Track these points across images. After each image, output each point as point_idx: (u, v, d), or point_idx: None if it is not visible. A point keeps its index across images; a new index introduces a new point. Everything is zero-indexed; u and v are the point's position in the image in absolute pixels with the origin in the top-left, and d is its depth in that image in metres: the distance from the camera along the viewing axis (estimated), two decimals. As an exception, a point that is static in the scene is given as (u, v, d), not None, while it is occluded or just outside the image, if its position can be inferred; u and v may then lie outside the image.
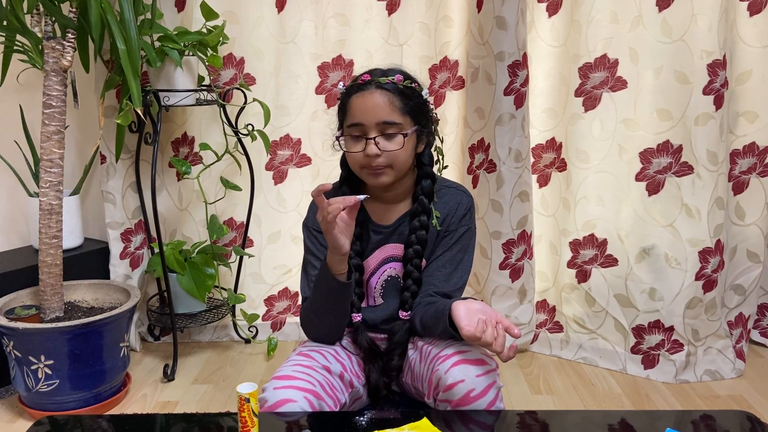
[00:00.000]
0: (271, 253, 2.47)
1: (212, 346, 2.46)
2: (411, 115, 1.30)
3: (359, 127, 1.29)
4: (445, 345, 1.27)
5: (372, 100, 1.28)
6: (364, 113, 1.28)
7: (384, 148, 1.28)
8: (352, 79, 1.34)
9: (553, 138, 2.32)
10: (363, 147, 1.28)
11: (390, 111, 1.28)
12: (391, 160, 1.29)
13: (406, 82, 1.30)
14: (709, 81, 2.02)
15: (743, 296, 2.27)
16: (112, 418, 1.23)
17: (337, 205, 1.20)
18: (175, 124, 2.37)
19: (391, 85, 1.28)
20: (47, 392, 1.86)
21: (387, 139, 1.28)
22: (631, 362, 2.22)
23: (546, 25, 2.25)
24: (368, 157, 1.28)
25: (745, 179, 2.21)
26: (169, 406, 2.02)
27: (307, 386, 1.22)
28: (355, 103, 1.29)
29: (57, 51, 1.80)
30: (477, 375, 1.19)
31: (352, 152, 1.30)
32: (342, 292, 1.30)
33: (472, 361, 1.21)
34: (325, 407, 1.23)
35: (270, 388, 1.22)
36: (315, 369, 1.28)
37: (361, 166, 1.30)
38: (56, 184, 1.86)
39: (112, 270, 2.33)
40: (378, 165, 1.28)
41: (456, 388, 1.18)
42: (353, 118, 1.29)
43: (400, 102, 1.29)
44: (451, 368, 1.20)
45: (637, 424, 1.17)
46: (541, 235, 2.39)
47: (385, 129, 1.28)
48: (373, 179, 1.31)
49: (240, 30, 2.28)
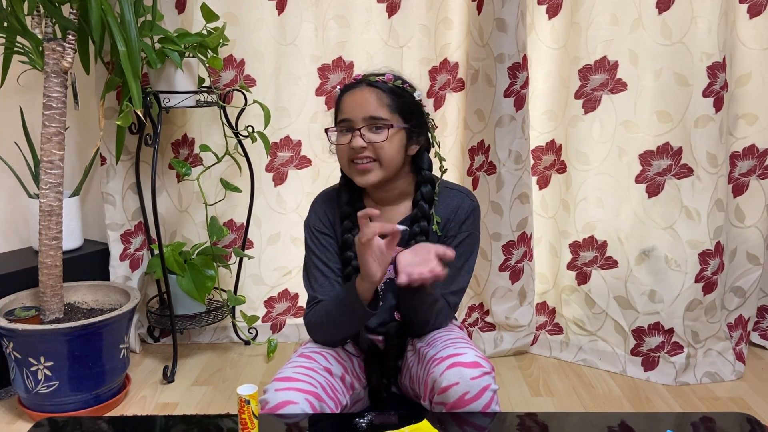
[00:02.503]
0: (271, 254, 2.47)
1: (212, 347, 2.46)
2: (400, 114, 1.32)
3: (347, 122, 1.31)
4: (441, 347, 1.27)
5: (361, 97, 1.30)
6: (352, 109, 1.30)
7: (369, 140, 1.29)
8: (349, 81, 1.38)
9: (553, 140, 2.32)
10: (350, 140, 1.30)
11: (378, 107, 1.29)
12: (377, 153, 1.29)
13: (397, 81, 1.33)
14: (708, 83, 2.02)
15: (743, 298, 2.27)
16: (111, 420, 1.23)
17: (372, 229, 1.18)
18: (176, 126, 2.37)
19: (381, 83, 1.31)
20: (47, 394, 1.86)
21: (372, 131, 1.30)
22: (631, 364, 2.22)
23: (546, 27, 2.25)
24: (353, 149, 1.29)
25: (744, 181, 2.21)
26: (168, 407, 2.02)
27: (309, 388, 1.22)
28: (346, 100, 1.32)
29: (57, 52, 1.80)
30: (472, 378, 1.19)
31: (339, 144, 1.33)
32: (363, 316, 1.29)
33: (467, 363, 1.21)
34: (326, 409, 1.23)
35: (271, 389, 1.22)
36: (316, 371, 1.28)
37: (349, 158, 1.32)
38: (56, 185, 1.86)
39: (112, 271, 2.33)
40: (364, 157, 1.30)
41: (451, 390, 1.19)
42: (342, 113, 1.33)
43: (389, 99, 1.30)
44: (445, 371, 1.20)
45: (637, 426, 1.17)
46: (541, 237, 2.40)
47: (373, 124, 1.29)
48: (359, 177, 1.32)
49: (240, 32, 2.28)
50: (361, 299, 1.25)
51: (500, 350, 2.35)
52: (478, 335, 2.39)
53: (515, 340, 2.35)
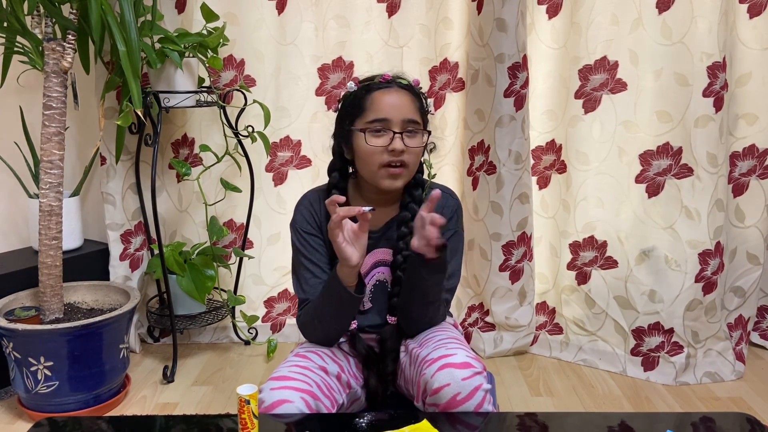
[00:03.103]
0: (270, 254, 2.47)
1: (212, 347, 2.46)
2: (424, 119, 1.33)
3: (384, 122, 1.27)
4: (432, 348, 1.27)
5: (398, 98, 1.28)
6: (391, 109, 1.27)
7: (408, 145, 1.27)
8: (365, 79, 1.34)
9: (553, 140, 2.32)
10: (386, 142, 1.26)
11: (414, 111, 1.29)
12: (410, 158, 1.29)
13: (421, 88, 1.34)
14: (708, 83, 2.02)
15: (743, 298, 2.27)
16: (111, 420, 1.23)
17: (339, 213, 1.18)
18: (175, 126, 2.37)
19: (410, 86, 1.31)
20: (47, 394, 1.86)
21: (409, 135, 1.28)
22: (630, 364, 2.22)
23: (546, 27, 2.25)
24: (392, 152, 1.26)
25: (744, 181, 2.21)
26: (168, 407, 2.02)
27: (304, 387, 1.22)
28: (380, 99, 1.28)
29: (57, 52, 1.80)
30: (462, 378, 1.19)
31: (373, 146, 1.27)
32: (351, 304, 1.29)
33: (457, 364, 1.21)
34: (322, 408, 1.23)
35: (267, 389, 1.22)
36: (311, 369, 1.28)
37: (381, 164, 1.28)
38: (56, 185, 1.86)
39: (112, 271, 2.33)
40: (400, 162, 1.28)
41: (442, 391, 1.19)
42: (378, 113, 1.27)
43: (418, 104, 1.31)
44: (436, 372, 1.21)
45: (637, 426, 1.17)
46: (541, 237, 2.40)
47: (408, 127, 1.28)
48: (389, 181, 1.29)
49: (240, 31, 2.28)
50: (344, 285, 1.26)
51: (500, 350, 2.35)
52: (478, 335, 2.39)
53: (515, 340, 2.35)
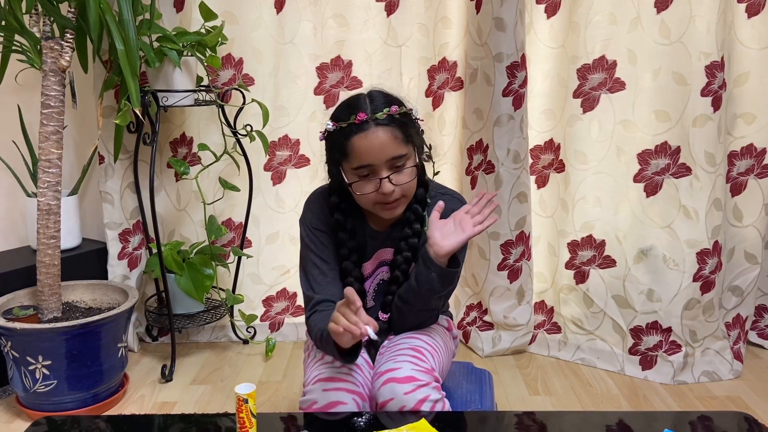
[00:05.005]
0: (269, 253, 2.47)
1: (210, 346, 2.46)
2: (411, 142, 1.29)
3: (369, 168, 1.26)
4: (385, 360, 1.29)
5: (377, 140, 1.24)
6: (370, 154, 1.25)
7: (398, 183, 1.27)
8: (338, 117, 1.28)
9: (552, 139, 2.32)
10: (375, 187, 1.26)
11: (396, 145, 1.25)
12: (404, 190, 1.29)
13: (401, 109, 1.28)
14: (707, 82, 2.02)
15: (741, 297, 2.27)
16: (109, 419, 1.23)
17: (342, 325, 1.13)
18: (174, 125, 2.37)
19: (388, 119, 1.25)
20: (45, 393, 1.86)
21: (398, 172, 1.27)
22: (629, 363, 2.22)
23: (544, 27, 2.25)
24: (384, 194, 1.26)
25: (742, 181, 2.21)
26: (167, 406, 2.02)
27: (354, 388, 1.26)
28: (359, 145, 1.25)
29: (55, 51, 1.80)
30: (405, 393, 1.21)
31: (365, 194, 1.28)
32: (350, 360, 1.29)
33: (400, 378, 1.23)
34: (366, 407, 1.26)
35: (317, 389, 1.25)
36: (353, 369, 1.30)
37: (376, 202, 1.29)
38: (54, 184, 1.86)
39: (110, 270, 2.33)
40: (393, 199, 1.28)
41: (387, 406, 1.22)
42: (360, 160, 1.25)
43: (400, 133, 1.26)
44: (381, 387, 1.24)
45: (634, 425, 1.18)
46: (540, 236, 2.40)
47: (395, 163, 1.26)
48: (388, 213, 1.31)
49: (239, 30, 2.28)
50: (337, 351, 1.25)
51: (498, 349, 2.36)
52: (476, 334, 2.39)
53: (513, 339, 2.35)
